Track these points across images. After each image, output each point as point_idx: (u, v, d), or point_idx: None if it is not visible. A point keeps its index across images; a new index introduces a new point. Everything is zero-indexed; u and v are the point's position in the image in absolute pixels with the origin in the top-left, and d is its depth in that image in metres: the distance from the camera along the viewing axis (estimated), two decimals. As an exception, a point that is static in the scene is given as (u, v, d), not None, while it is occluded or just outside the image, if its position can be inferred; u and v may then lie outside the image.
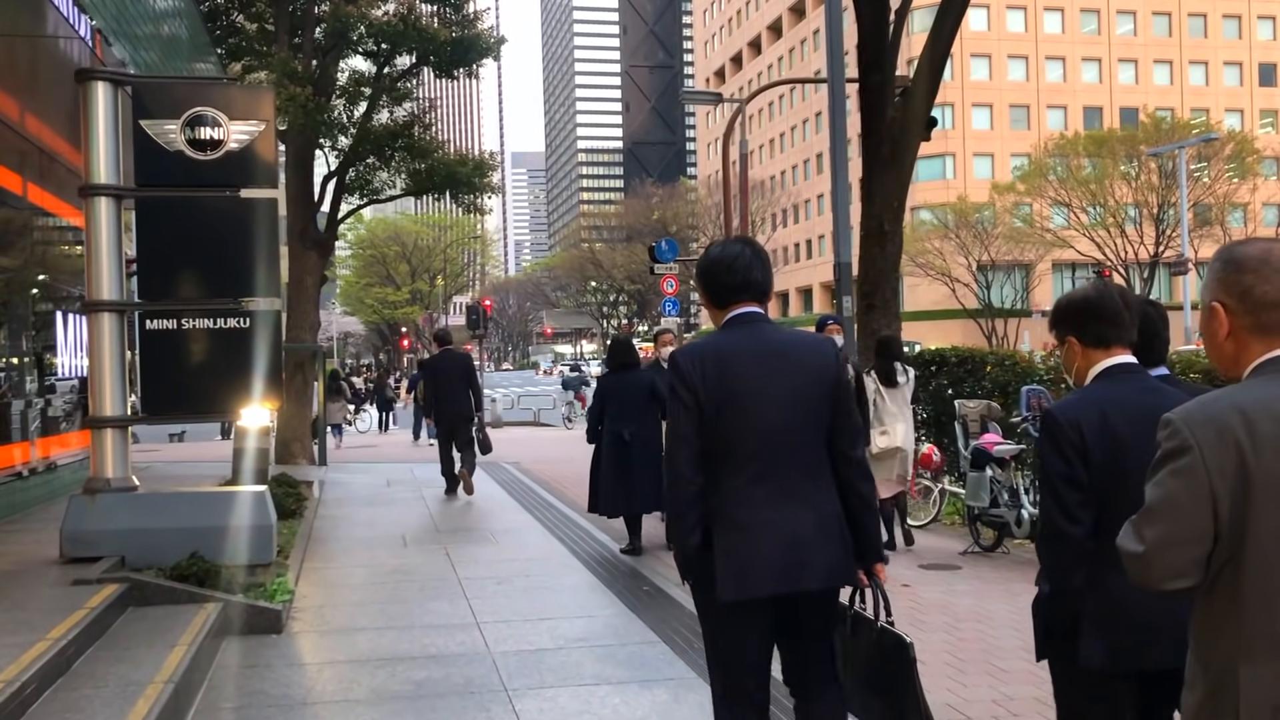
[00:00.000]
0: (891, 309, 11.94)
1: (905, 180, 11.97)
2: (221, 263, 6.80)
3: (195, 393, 6.77)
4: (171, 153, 6.67)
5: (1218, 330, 1.87)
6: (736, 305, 3.06)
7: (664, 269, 18.65)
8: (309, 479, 12.82)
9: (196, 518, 6.56)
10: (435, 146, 14.90)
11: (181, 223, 6.76)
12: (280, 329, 6.86)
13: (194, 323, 6.70)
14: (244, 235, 6.84)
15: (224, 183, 6.81)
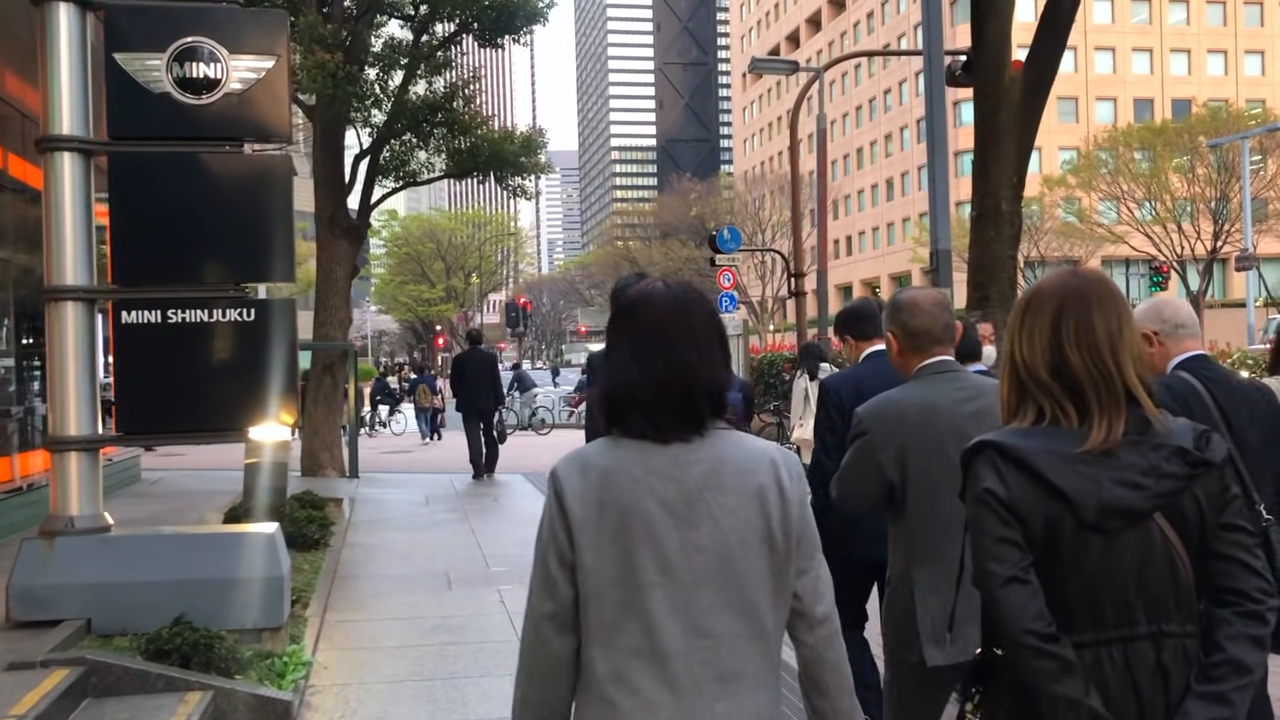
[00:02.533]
0: (1009, 302, 10.23)
1: (1028, 150, 10.28)
2: (220, 239, 5.29)
3: (186, 406, 5.24)
4: (156, 95, 5.16)
5: (892, 349, 3.04)
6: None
7: (725, 260, 17.06)
8: (338, 495, 11.32)
9: (186, 568, 5.04)
10: (479, 122, 13.34)
11: (168, 186, 5.25)
12: (294, 322, 5.33)
13: (184, 315, 5.18)
14: (249, 203, 5.32)
15: (223, 135, 5.30)
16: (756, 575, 1.79)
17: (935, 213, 11.79)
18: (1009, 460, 1.82)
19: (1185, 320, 3.12)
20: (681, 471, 1.78)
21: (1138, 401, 1.86)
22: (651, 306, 1.85)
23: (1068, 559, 1.81)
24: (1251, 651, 1.80)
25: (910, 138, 73.05)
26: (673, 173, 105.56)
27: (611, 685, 1.77)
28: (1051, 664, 1.76)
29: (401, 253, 72.80)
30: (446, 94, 13.15)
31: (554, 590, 1.80)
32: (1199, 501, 1.82)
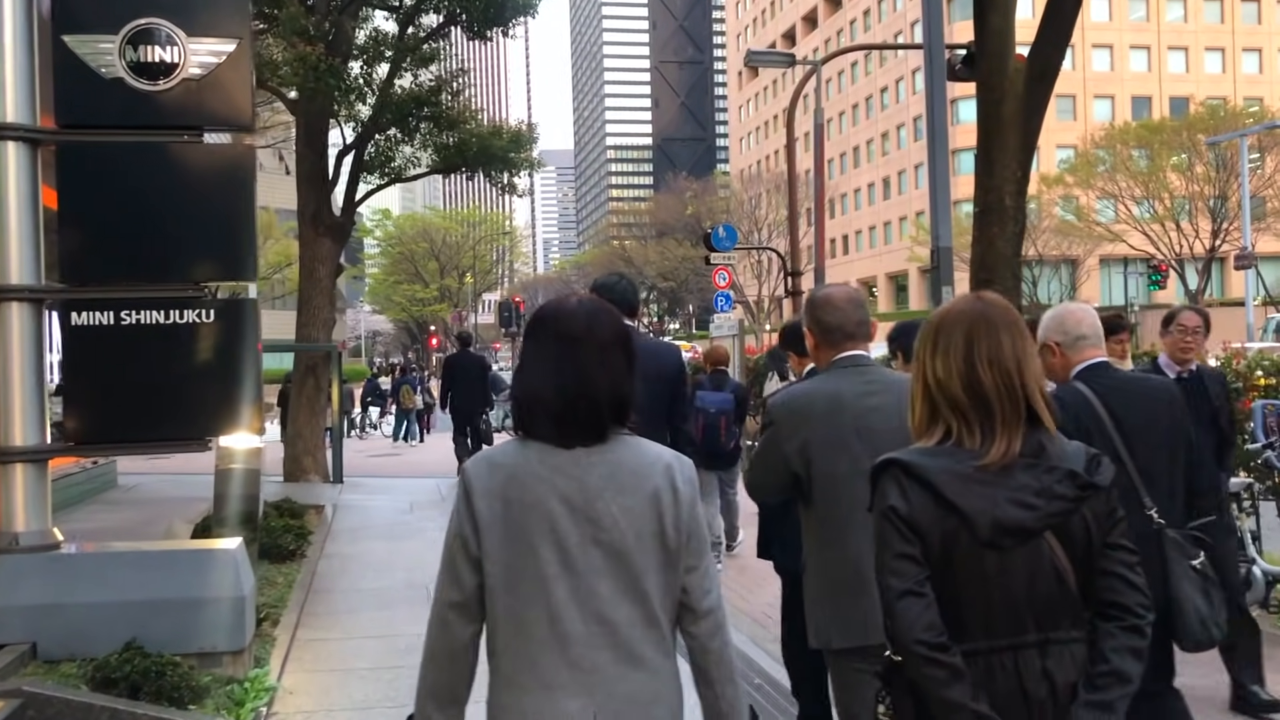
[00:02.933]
0: (1014, 301, 9.92)
1: (1032, 144, 9.94)
2: (177, 235, 4.94)
3: (141, 414, 4.90)
4: (108, 81, 4.81)
5: (809, 342, 3.13)
6: None
7: (721, 259, 16.69)
8: (319, 502, 10.98)
9: (140, 588, 4.69)
10: (466, 116, 12.98)
11: (121, 178, 4.90)
12: (257, 323, 4.98)
13: (139, 316, 4.84)
14: (209, 197, 4.97)
15: (181, 123, 4.96)
16: (650, 569, 1.93)
17: (936, 209, 11.47)
18: (912, 478, 1.94)
19: (1087, 331, 3.23)
20: (583, 473, 1.92)
21: (1038, 421, 2.00)
22: (562, 321, 1.98)
23: (963, 572, 1.92)
24: (1132, 663, 1.95)
25: (907, 136, 72.76)
26: (669, 172, 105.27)
27: (517, 670, 1.91)
28: (941, 671, 1.87)
29: (395, 252, 72.48)
30: (433, 87, 12.79)
31: (460, 581, 1.93)
32: (1087, 521, 1.96)
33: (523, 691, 1.91)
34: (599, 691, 1.90)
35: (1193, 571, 3.07)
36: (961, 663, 1.88)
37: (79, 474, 10.04)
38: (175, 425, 4.92)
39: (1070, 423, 2.90)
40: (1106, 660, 1.94)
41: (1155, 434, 3.14)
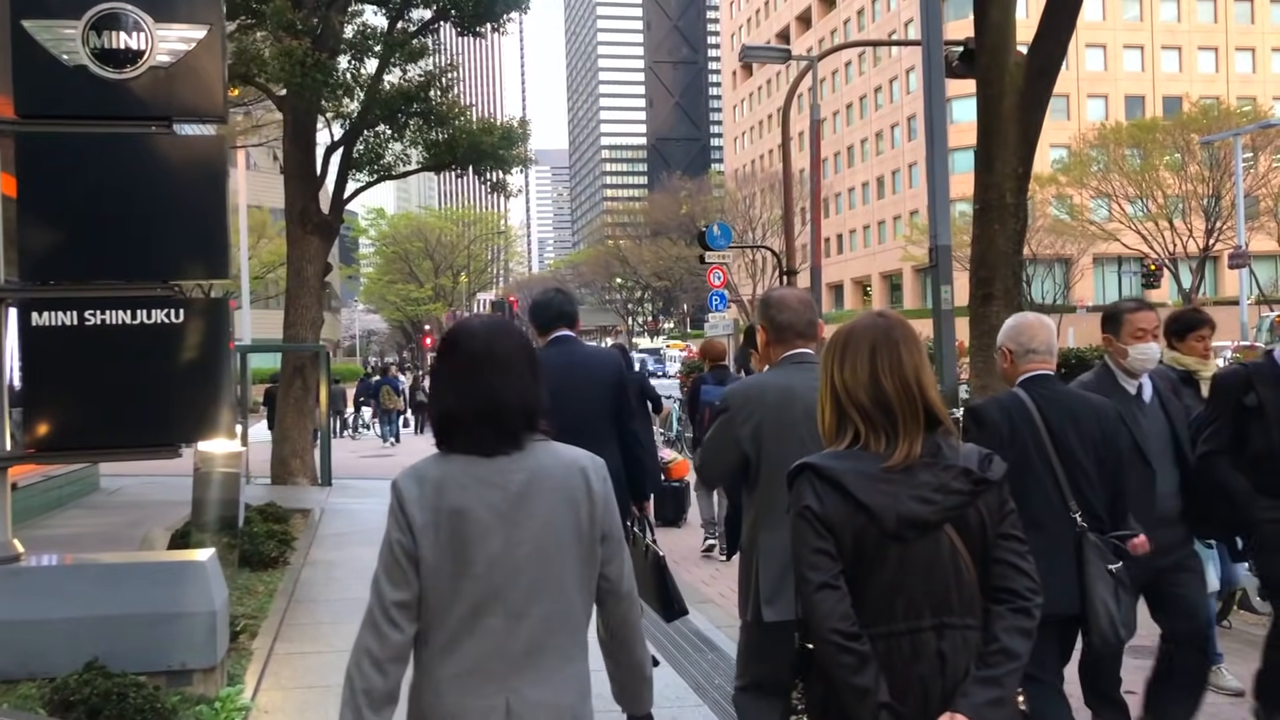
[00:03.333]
0: (1014, 299, 9.70)
1: (1033, 140, 9.73)
2: (144, 231, 4.70)
3: (106, 419, 4.66)
4: (70, 69, 4.58)
5: (760, 339, 3.35)
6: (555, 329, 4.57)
7: (716, 258, 16.46)
8: (305, 506, 10.74)
9: (104, 603, 4.46)
10: (456, 113, 12.72)
11: (85, 171, 4.66)
12: (227, 323, 4.75)
13: (104, 317, 4.60)
14: (178, 191, 4.73)
15: (148, 113, 4.72)
16: (568, 565, 2.09)
17: (935, 207, 11.25)
18: (824, 480, 2.11)
19: (1037, 346, 3.48)
20: (505, 479, 2.07)
21: (937, 423, 2.18)
22: (466, 341, 2.13)
23: (870, 564, 2.09)
24: (1021, 641, 2.10)
25: (901, 135, 72.60)
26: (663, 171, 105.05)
27: (440, 658, 2.06)
28: (851, 659, 2.03)
29: (389, 251, 72.19)
30: (422, 83, 12.53)
31: (404, 581, 2.04)
32: (982, 514, 2.13)
33: (443, 678, 2.07)
34: (513, 679, 2.06)
35: (1108, 574, 3.29)
36: (870, 651, 2.05)
37: (59, 477, 9.78)
38: (144, 431, 4.68)
39: (1005, 424, 3.35)
40: (997, 639, 2.10)
41: (1087, 445, 3.37)
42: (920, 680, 2.08)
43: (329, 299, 67.85)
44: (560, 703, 2.10)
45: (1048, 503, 3.32)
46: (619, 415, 4.50)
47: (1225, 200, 45.68)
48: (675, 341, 72.23)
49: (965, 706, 2.05)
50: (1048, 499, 3.33)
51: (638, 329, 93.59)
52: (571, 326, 4.57)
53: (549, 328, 4.56)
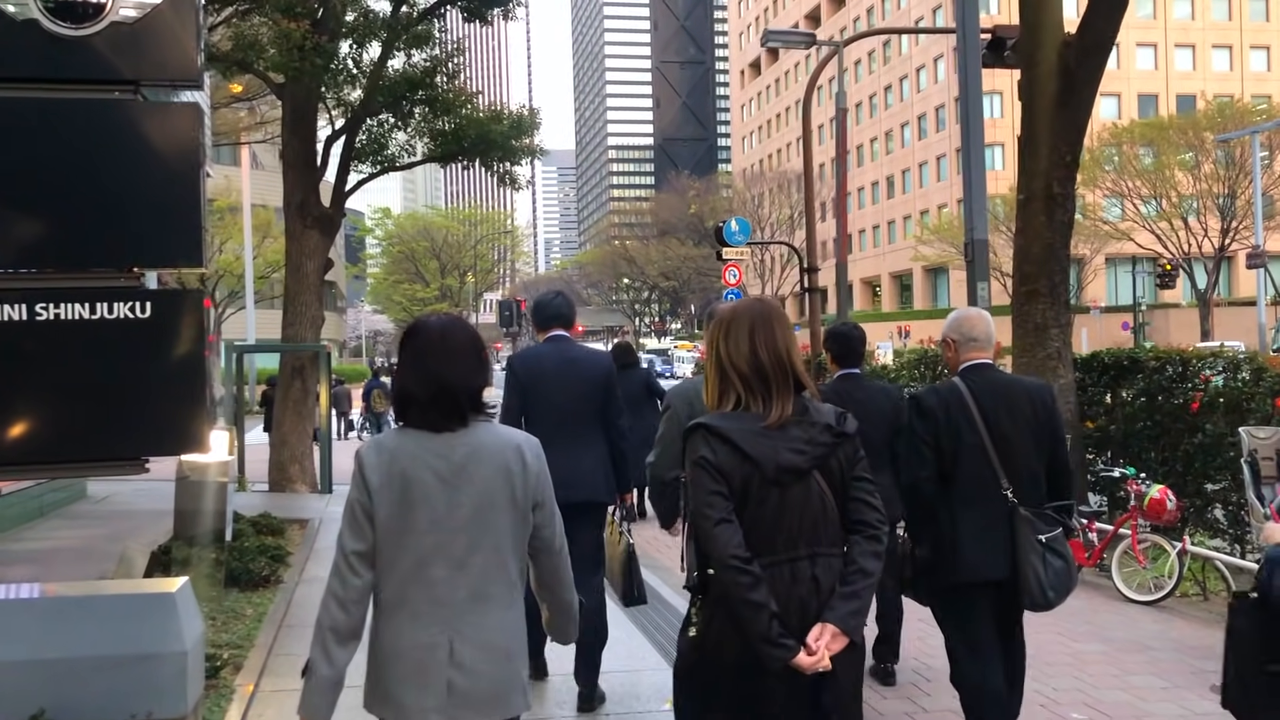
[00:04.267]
0: (1061, 297, 9.06)
1: (1083, 125, 9.08)
2: (106, 211, 4.06)
3: (60, 430, 4.02)
4: (19, 23, 3.94)
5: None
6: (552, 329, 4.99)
7: (734, 254, 15.81)
8: (303, 515, 10.13)
9: (54, 642, 3.83)
10: (463, 100, 12.08)
11: (37, 142, 4.03)
12: (201, 318, 4.12)
13: (58, 310, 3.97)
14: (145, 165, 4.10)
15: (110, 76, 4.08)
16: (503, 525, 2.50)
17: (971, 199, 10.62)
18: (716, 435, 2.55)
19: (977, 335, 3.83)
20: (449, 451, 2.48)
21: (802, 388, 2.63)
22: (423, 333, 2.54)
23: (755, 505, 2.53)
24: (873, 562, 2.57)
25: (911, 134, 71.95)
26: (670, 171, 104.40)
27: (393, 603, 2.46)
28: (746, 579, 2.45)
29: (396, 251, 71.78)
30: (428, 69, 11.87)
31: (362, 534, 2.45)
32: (840, 461, 2.60)
33: (396, 619, 2.43)
34: (455, 621, 2.43)
35: (1038, 544, 3.63)
36: (761, 572, 2.44)
37: (41, 484, 9.19)
38: (102, 443, 4.04)
39: (941, 411, 3.72)
40: (855, 562, 2.53)
41: (1018, 426, 3.71)
42: (800, 600, 2.49)
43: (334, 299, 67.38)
44: (496, 642, 2.47)
45: (981, 480, 3.69)
46: (606, 412, 4.89)
47: (1241, 199, 44.97)
48: (684, 342, 71.60)
49: (833, 618, 2.49)
50: (981, 477, 3.70)
51: (645, 329, 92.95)
52: (567, 328, 4.99)
53: (546, 327, 4.99)
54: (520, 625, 2.52)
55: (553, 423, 4.61)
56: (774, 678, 2.46)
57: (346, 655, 2.42)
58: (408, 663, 2.41)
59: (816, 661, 2.44)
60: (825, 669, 2.45)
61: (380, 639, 2.46)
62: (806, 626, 2.47)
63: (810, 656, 2.44)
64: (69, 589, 4.29)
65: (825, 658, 2.45)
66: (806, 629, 2.47)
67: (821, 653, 2.45)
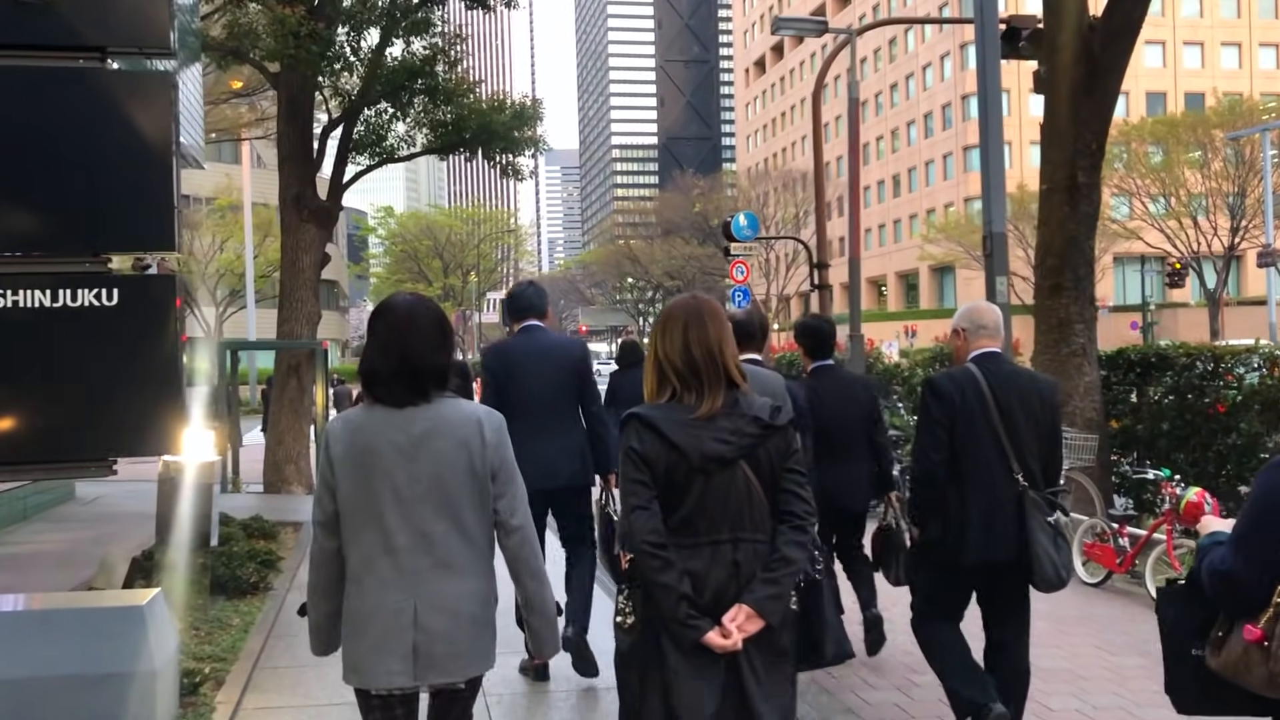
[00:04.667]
0: (1085, 291, 8.71)
1: (1108, 112, 8.75)
2: (70, 190, 3.72)
3: (18, 428, 3.68)
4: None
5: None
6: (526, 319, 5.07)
7: (741, 250, 15.44)
8: (298, 518, 9.79)
9: (12, 661, 3.49)
10: (464, 89, 11.72)
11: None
12: (174, 307, 3.78)
13: (16, 298, 3.63)
14: (112, 139, 3.76)
15: (75, 41, 3.75)
16: (463, 496, 2.61)
17: (990, 190, 10.25)
18: (645, 425, 2.64)
19: (986, 323, 3.95)
20: (409, 424, 2.59)
21: (734, 384, 2.71)
22: (390, 311, 2.66)
23: (680, 490, 2.62)
24: (797, 551, 2.66)
25: (917, 133, 71.52)
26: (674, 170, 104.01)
27: (361, 571, 2.60)
28: (658, 562, 2.56)
29: (398, 250, 71.33)
30: (428, 56, 11.51)
31: (323, 506, 2.64)
32: (770, 453, 2.67)
33: (364, 586, 2.60)
34: (420, 588, 2.58)
35: (1048, 525, 3.74)
36: (673, 557, 2.58)
37: (25, 485, 8.86)
38: (66, 442, 3.70)
39: (957, 395, 3.80)
40: (778, 550, 2.65)
41: (1029, 416, 3.81)
42: (719, 581, 2.58)
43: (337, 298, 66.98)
44: (459, 608, 2.58)
45: (992, 464, 3.78)
46: (582, 398, 5.01)
47: (1251, 198, 44.52)
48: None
49: (750, 600, 2.57)
50: (992, 461, 3.79)
51: (649, 329, 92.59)
52: (541, 318, 5.09)
53: (520, 317, 5.07)
54: (488, 592, 2.65)
55: (531, 412, 4.74)
56: (693, 657, 2.55)
57: (331, 605, 2.67)
58: (375, 628, 2.54)
59: (729, 642, 2.54)
60: (736, 649, 2.55)
61: (351, 603, 2.61)
62: (724, 607, 2.57)
63: (723, 638, 2.54)
64: (31, 602, 3.95)
65: (738, 638, 2.55)
66: (724, 609, 2.57)
67: (734, 633, 2.55)
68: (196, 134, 10.19)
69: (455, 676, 2.60)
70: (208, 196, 44.27)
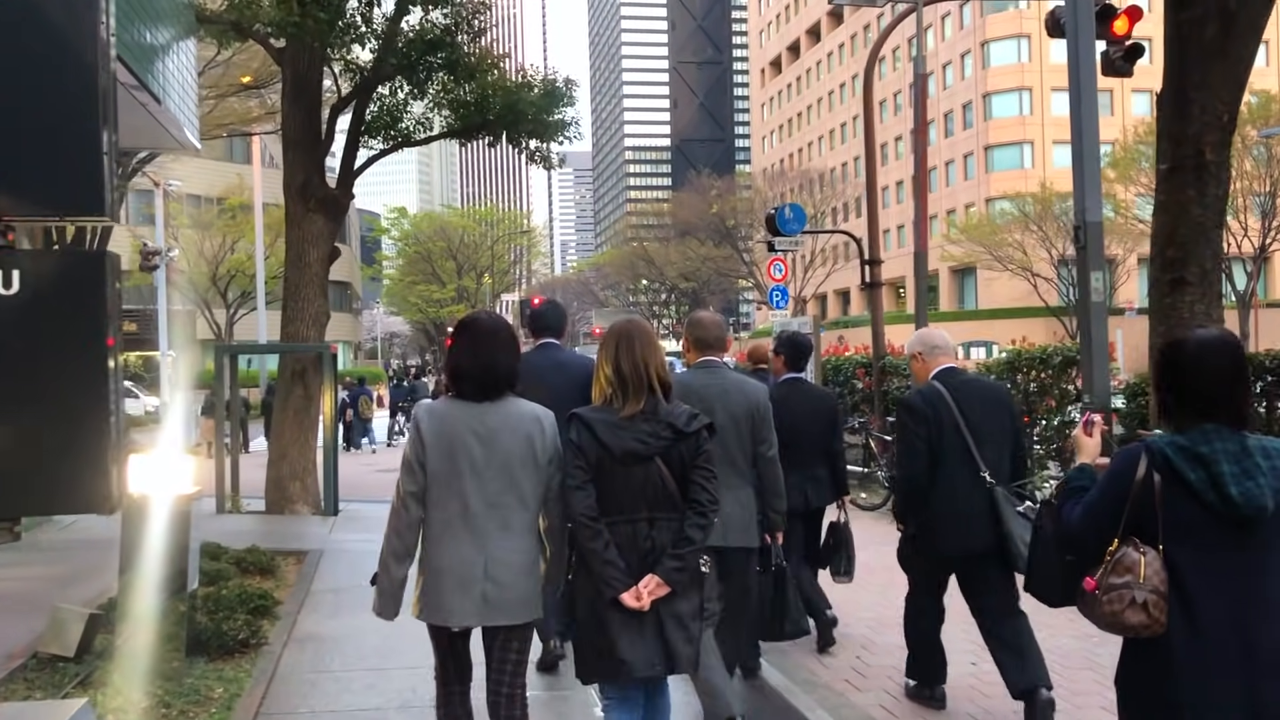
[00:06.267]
0: (1213, 287, 7.48)
1: (1243, 79, 7.51)
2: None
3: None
4: None
5: (685, 347, 4.74)
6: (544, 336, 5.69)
7: (787, 244, 14.22)
8: (301, 546, 8.63)
9: None
10: (488, 64, 10.54)
11: None
12: (102, 300, 2.62)
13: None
14: (19, 73, 2.60)
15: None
16: (525, 476, 3.31)
17: (1083, 175, 9.09)
18: (583, 424, 3.36)
19: (939, 344, 4.75)
20: (486, 417, 3.31)
21: (658, 393, 3.43)
22: (475, 325, 3.43)
23: (607, 477, 3.33)
24: (700, 533, 3.34)
25: (936, 133, 70.24)
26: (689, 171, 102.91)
27: (441, 531, 3.26)
28: (588, 531, 3.28)
29: (411, 251, 70.42)
30: (447, 27, 10.27)
31: (415, 478, 3.28)
32: (682, 452, 3.37)
33: (444, 543, 3.26)
34: (489, 545, 3.26)
35: (1019, 515, 4.37)
36: (604, 529, 3.30)
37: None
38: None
39: (929, 410, 4.50)
40: (683, 531, 3.33)
41: (989, 419, 4.51)
42: (638, 553, 3.32)
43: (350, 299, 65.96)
44: (520, 560, 3.31)
45: (963, 468, 4.44)
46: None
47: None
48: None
49: (660, 570, 3.30)
50: (962, 465, 4.44)
51: (663, 332, 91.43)
52: (557, 336, 5.71)
53: (540, 334, 5.70)
54: (537, 550, 3.38)
55: None
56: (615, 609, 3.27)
57: (403, 570, 3.29)
58: (453, 577, 3.22)
59: (640, 604, 3.26)
60: (644, 609, 3.26)
61: (431, 559, 3.26)
62: (643, 571, 3.30)
63: (635, 600, 3.26)
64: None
65: (646, 600, 3.27)
66: (643, 573, 3.29)
67: (644, 596, 3.27)
68: (190, 113, 9.05)
69: (515, 619, 3.28)
70: (218, 196, 43.36)
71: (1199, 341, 2.59)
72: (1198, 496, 2.47)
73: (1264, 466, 2.47)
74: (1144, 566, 2.48)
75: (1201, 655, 2.44)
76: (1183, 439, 2.52)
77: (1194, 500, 2.48)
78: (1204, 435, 2.50)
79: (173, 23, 8.44)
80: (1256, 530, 2.46)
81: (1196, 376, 2.54)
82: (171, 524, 4.94)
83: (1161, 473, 2.50)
